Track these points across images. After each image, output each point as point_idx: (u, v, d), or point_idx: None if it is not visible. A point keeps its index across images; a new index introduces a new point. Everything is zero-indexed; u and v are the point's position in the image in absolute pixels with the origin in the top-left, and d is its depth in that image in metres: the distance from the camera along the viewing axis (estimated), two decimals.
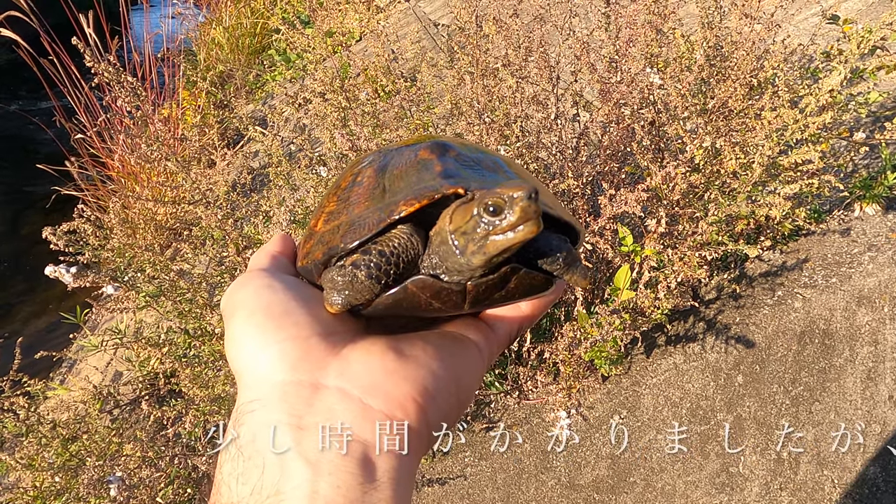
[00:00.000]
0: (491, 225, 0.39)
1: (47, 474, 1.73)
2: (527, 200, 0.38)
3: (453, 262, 0.42)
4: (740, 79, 1.57)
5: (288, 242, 0.51)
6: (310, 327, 0.41)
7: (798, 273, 1.96)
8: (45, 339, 3.80)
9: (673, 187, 1.60)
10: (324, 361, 0.40)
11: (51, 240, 1.37)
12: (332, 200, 0.49)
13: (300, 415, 0.38)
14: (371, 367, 0.41)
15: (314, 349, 0.40)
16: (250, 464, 0.37)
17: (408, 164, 0.46)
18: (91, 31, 3.49)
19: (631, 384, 1.84)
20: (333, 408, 0.39)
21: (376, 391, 0.40)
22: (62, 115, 3.89)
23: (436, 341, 0.46)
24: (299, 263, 0.49)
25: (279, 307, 0.41)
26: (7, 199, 5.69)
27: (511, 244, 0.40)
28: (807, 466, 1.87)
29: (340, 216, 0.46)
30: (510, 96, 1.68)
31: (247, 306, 0.41)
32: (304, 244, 0.49)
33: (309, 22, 5.32)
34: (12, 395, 1.71)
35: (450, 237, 0.42)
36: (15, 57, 4.25)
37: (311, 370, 0.40)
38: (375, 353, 0.42)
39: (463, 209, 0.41)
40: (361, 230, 0.43)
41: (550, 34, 1.94)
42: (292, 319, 0.41)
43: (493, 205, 0.39)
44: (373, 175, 0.47)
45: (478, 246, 0.40)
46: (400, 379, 0.41)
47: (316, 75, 1.70)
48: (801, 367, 1.86)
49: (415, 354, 0.43)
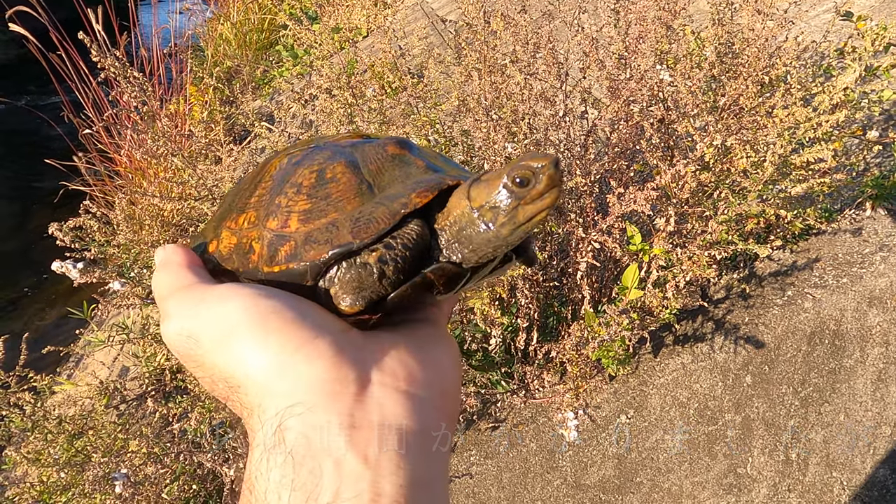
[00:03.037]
0: (520, 196, 0.42)
1: (53, 469, 1.73)
2: (553, 168, 0.42)
3: (480, 239, 0.44)
4: (752, 76, 1.55)
5: (192, 254, 0.48)
6: (330, 327, 0.40)
7: (808, 273, 1.94)
8: (52, 334, 3.82)
9: (682, 186, 1.59)
10: (360, 358, 0.39)
11: (57, 236, 1.36)
12: (289, 200, 0.46)
13: (351, 413, 0.37)
14: (405, 361, 0.40)
15: (348, 347, 0.39)
16: (303, 469, 0.35)
17: (382, 160, 0.47)
18: (100, 27, 3.49)
19: (638, 384, 1.83)
20: (384, 403, 0.37)
21: (418, 383, 0.40)
22: (70, 111, 3.90)
23: (427, 331, 0.46)
24: (265, 269, 0.44)
25: (289, 313, 0.39)
26: (15, 193, 5.72)
27: (540, 210, 0.42)
28: (816, 468, 1.85)
29: (326, 214, 0.44)
30: (518, 93, 1.66)
31: (249, 319, 0.38)
32: (264, 249, 0.45)
33: (316, 18, 5.31)
34: (19, 390, 1.71)
35: (475, 214, 0.43)
36: (24, 52, 4.26)
37: (352, 367, 0.38)
38: (401, 347, 0.41)
39: (485, 186, 0.43)
40: (374, 225, 0.43)
41: (559, 30, 1.93)
42: (311, 321, 0.39)
43: (520, 177, 0.42)
44: (347, 171, 0.46)
45: (508, 217, 0.42)
46: (438, 374, 0.42)
47: (323, 71, 1.70)
48: (811, 368, 1.84)
49: (429, 348, 0.43)
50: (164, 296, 0.43)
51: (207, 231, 0.53)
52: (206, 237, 0.52)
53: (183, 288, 0.43)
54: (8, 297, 4.44)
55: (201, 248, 0.51)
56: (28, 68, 4.78)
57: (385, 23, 4.51)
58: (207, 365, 0.40)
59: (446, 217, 0.45)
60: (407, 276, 0.43)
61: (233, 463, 1.49)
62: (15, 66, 7.46)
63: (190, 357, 0.41)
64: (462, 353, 1.86)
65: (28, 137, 6.16)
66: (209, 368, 0.40)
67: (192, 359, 0.41)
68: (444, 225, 0.45)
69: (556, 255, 1.86)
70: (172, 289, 0.43)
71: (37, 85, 6.70)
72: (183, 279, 0.44)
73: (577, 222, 1.68)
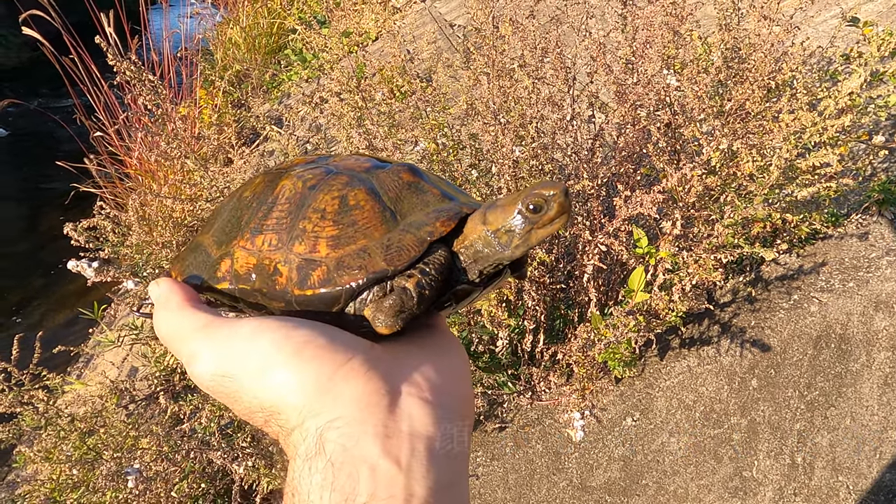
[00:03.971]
0: (534, 221, 0.47)
1: (65, 467, 1.75)
2: (563, 197, 0.46)
3: (497, 258, 0.49)
4: (758, 81, 1.56)
5: (188, 289, 0.50)
6: (358, 347, 0.43)
7: (815, 277, 1.95)
8: (63, 333, 3.85)
9: (689, 189, 1.60)
10: (390, 373, 0.43)
11: (72, 235, 1.39)
12: (315, 225, 0.48)
13: (385, 424, 0.40)
14: (426, 373, 0.44)
15: (378, 364, 0.43)
16: (341, 473, 0.38)
17: (400, 188, 0.51)
18: (111, 31, 3.53)
19: (644, 386, 1.84)
20: (412, 413, 0.41)
21: (440, 393, 0.43)
22: (82, 113, 3.94)
23: (437, 339, 0.50)
24: (296, 291, 0.47)
25: (320, 339, 0.42)
26: (26, 195, 5.77)
27: (550, 233, 0.48)
28: (821, 472, 1.85)
29: (355, 241, 0.47)
30: (526, 97, 1.68)
31: (283, 352, 0.41)
32: (293, 273, 0.47)
33: (325, 22, 5.34)
34: (32, 388, 1.74)
35: (492, 237, 0.48)
36: (38, 55, 4.31)
37: (384, 382, 0.42)
38: (422, 359, 0.45)
39: (501, 212, 0.48)
40: (405, 252, 0.47)
41: (567, 35, 1.94)
42: (342, 344, 0.42)
43: (534, 204, 0.46)
44: (369, 199, 0.49)
45: (522, 240, 0.47)
46: (455, 380, 0.46)
47: (332, 75, 1.72)
48: (817, 372, 1.85)
49: (443, 357, 0.47)
50: (184, 337, 0.45)
51: (208, 247, 0.53)
52: (211, 254, 0.52)
53: (203, 328, 0.45)
54: (19, 297, 4.48)
55: (206, 264, 0.52)
56: (41, 71, 4.84)
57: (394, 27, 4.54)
58: (245, 400, 0.43)
59: (463, 241, 0.49)
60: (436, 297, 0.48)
61: (242, 461, 1.51)
62: (28, 68, 7.54)
63: (227, 395, 0.43)
64: (469, 354, 1.87)
65: (40, 139, 6.23)
66: (247, 402, 0.43)
67: (229, 396, 0.43)
68: (461, 248, 0.49)
69: (562, 258, 1.87)
70: (190, 329, 0.45)
71: (49, 87, 6.77)
72: (196, 319, 0.46)
73: (583, 225, 1.69)
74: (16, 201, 5.77)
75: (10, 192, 5.85)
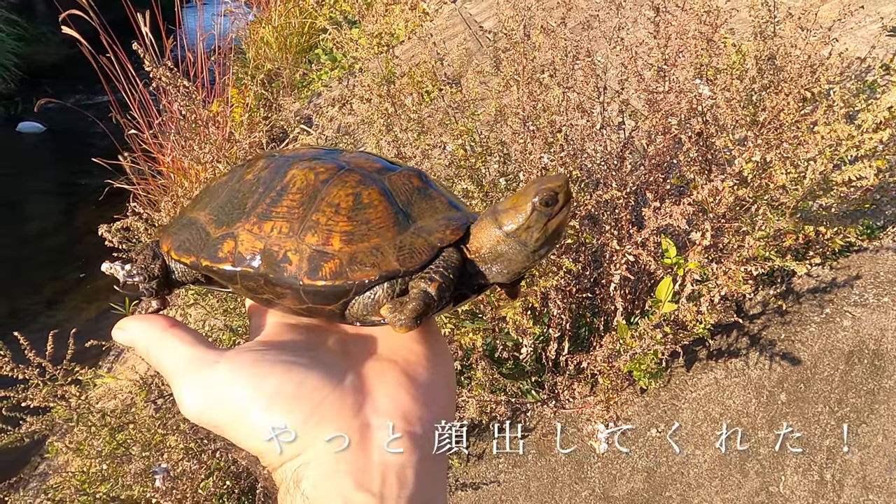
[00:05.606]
0: (548, 214, 0.49)
1: (95, 461, 1.79)
2: (567, 186, 0.50)
3: (520, 257, 0.51)
4: (793, 91, 1.53)
5: (163, 318, 0.51)
6: (331, 380, 0.46)
7: (848, 291, 1.91)
8: (95, 327, 3.93)
9: (719, 200, 1.58)
10: (360, 409, 0.45)
11: (106, 237, 1.42)
12: (328, 219, 0.50)
13: (356, 459, 0.43)
14: (401, 403, 0.46)
15: (349, 399, 0.45)
16: None
17: (410, 192, 0.53)
18: (147, 30, 3.59)
19: (670, 398, 1.82)
20: (383, 446, 0.44)
21: (414, 422, 0.45)
22: (117, 111, 4.01)
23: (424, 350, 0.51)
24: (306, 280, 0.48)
25: (289, 387, 0.44)
26: (63, 190, 5.91)
27: (562, 221, 0.50)
28: (851, 490, 1.82)
29: (369, 238, 0.49)
30: (555, 105, 1.67)
31: (257, 401, 0.44)
32: (304, 262, 0.48)
33: (356, 22, 5.37)
34: (65, 382, 1.78)
35: (511, 238, 0.50)
36: (75, 52, 4.41)
37: (354, 419, 0.45)
38: (392, 384, 0.47)
39: (514, 213, 0.50)
40: (417, 255, 0.49)
41: (597, 42, 1.93)
42: (312, 385, 0.45)
43: (547, 198, 0.49)
44: (382, 199, 0.51)
45: (541, 233, 0.50)
46: (428, 404, 0.47)
47: (363, 80, 1.73)
48: (848, 388, 1.81)
49: (424, 376, 0.49)
50: (170, 379, 0.48)
51: (205, 224, 0.54)
52: (210, 232, 0.53)
53: (184, 371, 0.47)
54: (53, 290, 4.59)
55: (204, 242, 0.52)
56: (78, 68, 4.94)
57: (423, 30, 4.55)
58: (229, 436, 0.47)
59: (479, 247, 0.52)
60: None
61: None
62: (64, 66, 7.71)
63: (214, 429, 0.47)
64: (493, 360, 1.87)
65: (76, 136, 6.36)
66: (232, 439, 0.46)
67: (216, 430, 0.47)
68: (476, 253, 0.52)
69: (589, 266, 1.86)
70: (173, 373, 0.48)
71: (85, 85, 6.91)
72: (176, 359, 0.48)
73: (611, 234, 1.68)
74: (52, 196, 5.91)
75: (47, 188, 5.99)
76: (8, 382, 1.69)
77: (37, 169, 6.29)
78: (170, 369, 0.48)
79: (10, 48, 7.90)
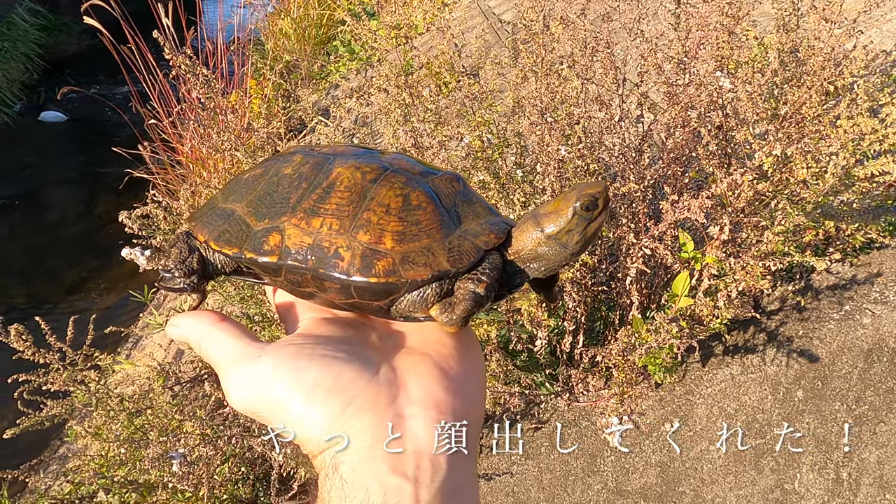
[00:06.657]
0: (589, 218, 0.52)
1: (113, 445, 1.82)
2: (607, 192, 0.52)
3: (559, 258, 0.54)
4: (816, 85, 1.51)
5: (213, 314, 0.53)
6: (365, 373, 0.48)
7: (868, 288, 1.88)
8: (114, 314, 3.99)
9: (738, 195, 1.56)
10: (395, 396, 0.48)
11: (126, 224, 1.44)
12: (380, 218, 0.51)
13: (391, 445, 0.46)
14: (433, 393, 0.48)
15: (383, 390, 0.47)
16: (354, 487, 0.44)
17: (452, 196, 0.55)
18: (168, 21, 3.61)
19: (685, 392, 1.81)
20: (418, 434, 0.46)
21: (446, 411, 0.48)
22: (137, 101, 4.05)
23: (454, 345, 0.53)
24: (358, 276, 0.50)
25: (327, 381, 0.47)
26: (83, 178, 5.98)
27: (600, 226, 0.53)
28: (868, 489, 1.80)
29: (419, 239, 0.51)
30: (574, 97, 1.66)
31: (297, 394, 0.47)
32: (356, 259, 0.50)
33: (374, 14, 5.37)
34: (84, 367, 1.80)
35: (553, 239, 0.53)
36: (96, 42, 4.45)
37: (389, 409, 0.47)
38: (425, 376, 0.49)
39: (555, 216, 0.53)
40: (466, 257, 0.52)
41: (617, 33, 1.91)
42: (348, 378, 0.47)
43: (588, 203, 0.52)
44: (430, 202, 0.53)
45: (581, 236, 0.53)
46: (468, 384, 0.50)
47: (381, 71, 1.73)
48: (867, 386, 1.79)
49: (456, 369, 0.51)
50: (219, 371, 0.51)
51: (245, 216, 0.54)
52: (251, 225, 0.53)
53: (231, 365, 0.50)
54: (74, 278, 4.66)
55: (246, 234, 0.52)
56: (99, 59, 4.99)
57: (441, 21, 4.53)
58: (275, 426, 0.49)
59: (520, 249, 0.54)
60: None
61: (282, 450, 1.54)
62: (87, 55, 7.80)
63: (258, 419, 0.50)
64: (507, 353, 1.87)
65: (97, 125, 6.44)
66: (274, 427, 0.49)
67: (259, 419, 0.50)
68: (517, 255, 0.55)
69: (605, 259, 1.85)
70: (221, 366, 0.50)
71: (106, 74, 6.98)
72: (225, 353, 0.50)
73: (628, 227, 1.67)
74: (74, 185, 5.98)
75: (69, 176, 6.07)
76: (29, 366, 1.72)
77: (58, 158, 6.37)
78: (218, 362, 0.51)
79: (34, 38, 8.00)
